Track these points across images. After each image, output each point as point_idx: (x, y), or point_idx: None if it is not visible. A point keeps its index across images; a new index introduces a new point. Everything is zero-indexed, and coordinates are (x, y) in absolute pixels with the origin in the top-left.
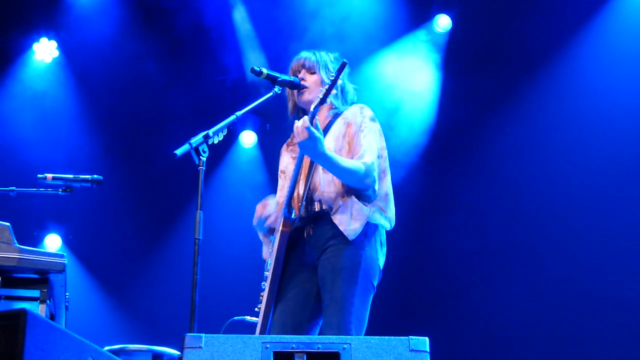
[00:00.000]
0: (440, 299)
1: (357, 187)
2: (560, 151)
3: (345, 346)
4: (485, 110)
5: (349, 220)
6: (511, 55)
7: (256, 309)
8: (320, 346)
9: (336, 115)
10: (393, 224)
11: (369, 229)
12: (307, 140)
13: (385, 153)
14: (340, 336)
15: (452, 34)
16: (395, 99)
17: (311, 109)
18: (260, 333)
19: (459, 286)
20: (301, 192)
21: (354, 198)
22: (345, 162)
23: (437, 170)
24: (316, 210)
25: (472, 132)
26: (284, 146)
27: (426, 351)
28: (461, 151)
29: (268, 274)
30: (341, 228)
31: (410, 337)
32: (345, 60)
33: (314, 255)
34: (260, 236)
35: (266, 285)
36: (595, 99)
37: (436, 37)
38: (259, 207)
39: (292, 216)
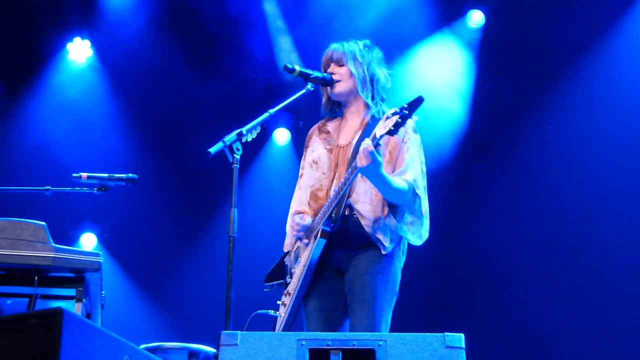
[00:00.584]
0: (475, 296)
1: (396, 203)
2: (597, 147)
3: (381, 343)
4: (520, 106)
5: (388, 237)
6: (546, 50)
7: (278, 302)
8: (355, 343)
9: (374, 118)
10: (424, 240)
11: (398, 240)
12: (371, 165)
13: (425, 168)
14: (376, 333)
15: (486, 29)
16: (428, 95)
17: (377, 136)
18: (284, 327)
19: (494, 282)
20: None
21: (390, 215)
22: (395, 183)
23: (471, 165)
24: (346, 214)
25: (506, 127)
26: (315, 129)
27: (462, 347)
28: (496, 146)
29: (296, 271)
30: (383, 244)
31: (446, 333)
32: (422, 96)
33: (341, 258)
34: (289, 226)
35: (292, 281)
36: (635, 93)
37: (469, 33)
38: (295, 221)
39: (331, 229)
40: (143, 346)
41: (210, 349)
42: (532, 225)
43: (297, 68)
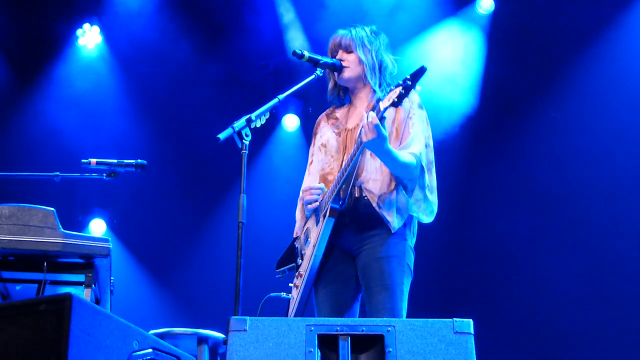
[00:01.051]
0: (484, 282)
1: (405, 178)
2: (607, 134)
3: (390, 329)
4: (529, 92)
5: (394, 214)
6: (556, 36)
7: (290, 284)
8: (364, 329)
9: (379, 101)
10: (434, 216)
11: (408, 219)
12: (376, 139)
13: (431, 142)
14: (384, 318)
15: (495, 15)
16: (437, 81)
17: (381, 108)
18: (297, 310)
19: (502, 269)
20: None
21: (400, 189)
22: (402, 157)
23: (480, 153)
24: (356, 195)
25: (515, 114)
26: (323, 117)
27: (470, 333)
28: (505, 133)
29: (306, 252)
30: (388, 220)
31: (455, 319)
32: (424, 66)
33: (351, 240)
34: (299, 211)
35: (303, 263)
36: None
37: (479, 19)
38: (307, 188)
39: (340, 207)
40: (152, 332)
41: (219, 335)
42: (543, 211)
43: (306, 54)
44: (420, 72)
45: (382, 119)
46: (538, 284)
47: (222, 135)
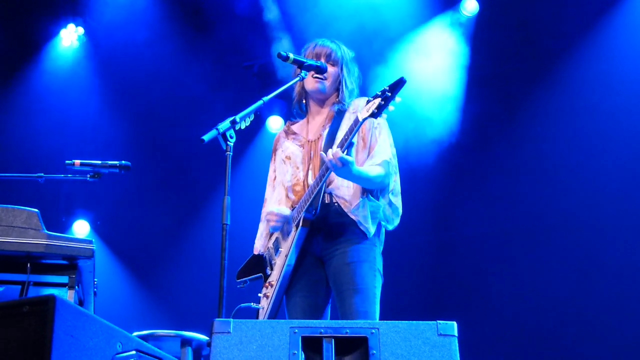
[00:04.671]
0: (468, 284)
1: (376, 189)
2: (591, 138)
3: (374, 331)
4: (514, 95)
5: (368, 219)
6: (541, 38)
7: (259, 294)
8: (348, 331)
9: (339, 112)
10: (399, 219)
11: (378, 226)
12: (344, 168)
13: (394, 150)
14: (368, 320)
15: (479, 17)
16: (421, 85)
17: (359, 119)
18: (268, 319)
19: (486, 271)
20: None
21: (369, 195)
22: (371, 172)
23: (464, 156)
24: (326, 202)
25: (499, 117)
26: (282, 133)
27: (454, 335)
28: (489, 137)
29: (277, 261)
30: (365, 226)
31: (439, 321)
32: (403, 77)
33: (321, 245)
34: (263, 228)
35: (274, 272)
36: (628, 85)
37: (463, 21)
38: (273, 212)
39: (312, 216)
40: (135, 334)
41: (203, 337)
42: (526, 214)
43: (291, 56)
44: (399, 84)
45: (350, 144)
46: (521, 287)
47: (206, 137)
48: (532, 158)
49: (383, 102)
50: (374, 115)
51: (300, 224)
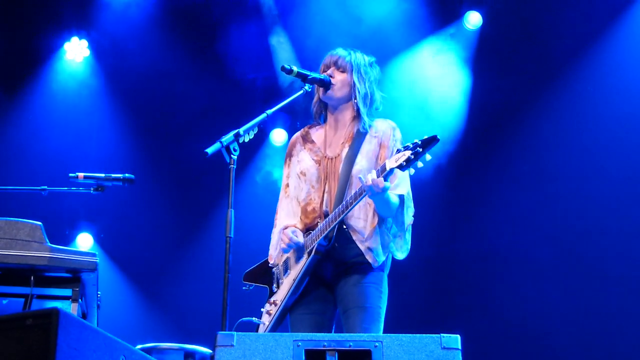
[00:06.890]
0: (471, 297)
1: (388, 217)
2: (596, 148)
3: (377, 344)
4: (518, 106)
5: (379, 251)
6: (544, 50)
7: (262, 309)
8: (351, 344)
9: (359, 133)
10: (407, 253)
11: (387, 256)
12: (381, 193)
13: (409, 184)
14: (372, 334)
15: (483, 30)
16: (424, 97)
17: (387, 169)
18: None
19: (490, 284)
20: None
21: (382, 226)
22: (392, 200)
23: (467, 168)
24: (340, 230)
25: (502, 130)
26: (299, 138)
27: (458, 349)
28: (492, 149)
29: (284, 282)
30: (373, 257)
31: (442, 334)
32: (437, 136)
33: (330, 270)
34: (277, 239)
35: (279, 292)
36: (634, 95)
37: (467, 34)
38: (288, 235)
39: (327, 246)
40: (139, 346)
41: (207, 350)
42: (528, 225)
43: (295, 69)
44: (432, 141)
45: (386, 176)
46: (525, 299)
47: (210, 150)
48: (535, 169)
49: (413, 157)
50: (401, 167)
51: (313, 252)
